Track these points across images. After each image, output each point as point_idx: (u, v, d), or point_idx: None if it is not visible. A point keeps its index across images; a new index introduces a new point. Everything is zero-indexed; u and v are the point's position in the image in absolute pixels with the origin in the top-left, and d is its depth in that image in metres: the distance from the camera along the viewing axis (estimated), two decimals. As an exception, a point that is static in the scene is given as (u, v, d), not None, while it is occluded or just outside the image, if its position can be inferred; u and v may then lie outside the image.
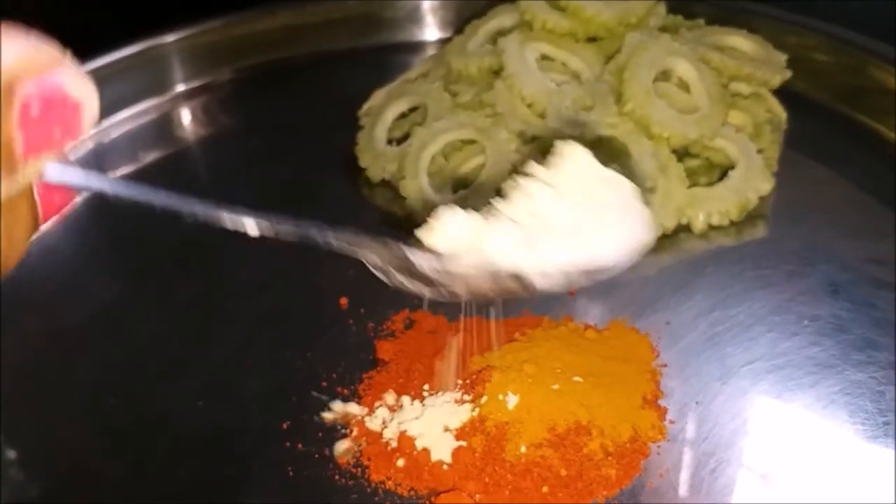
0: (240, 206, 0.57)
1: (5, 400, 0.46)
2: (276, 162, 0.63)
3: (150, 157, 0.64)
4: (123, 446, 0.44)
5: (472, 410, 0.42)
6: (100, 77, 0.64)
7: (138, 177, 0.62)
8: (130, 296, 0.53)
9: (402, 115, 0.62)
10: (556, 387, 0.41)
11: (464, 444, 0.41)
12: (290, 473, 0.41)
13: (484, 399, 0.42)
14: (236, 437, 0.44)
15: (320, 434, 0.43)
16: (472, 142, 0.57)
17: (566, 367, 0.43)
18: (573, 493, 0.39)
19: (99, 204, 0.60)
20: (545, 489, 0.39)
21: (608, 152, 0.55)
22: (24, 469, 0.43)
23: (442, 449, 0.41)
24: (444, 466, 0.40)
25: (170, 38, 0.68)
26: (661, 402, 0.43)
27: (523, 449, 0.40)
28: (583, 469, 0.40)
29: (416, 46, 0.73)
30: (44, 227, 0.56)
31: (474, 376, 0.43)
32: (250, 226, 0.30)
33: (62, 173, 0.26)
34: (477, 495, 0.39)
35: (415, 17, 0.74)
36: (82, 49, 0.66)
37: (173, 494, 0.41)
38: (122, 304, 0.52)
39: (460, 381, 0.43)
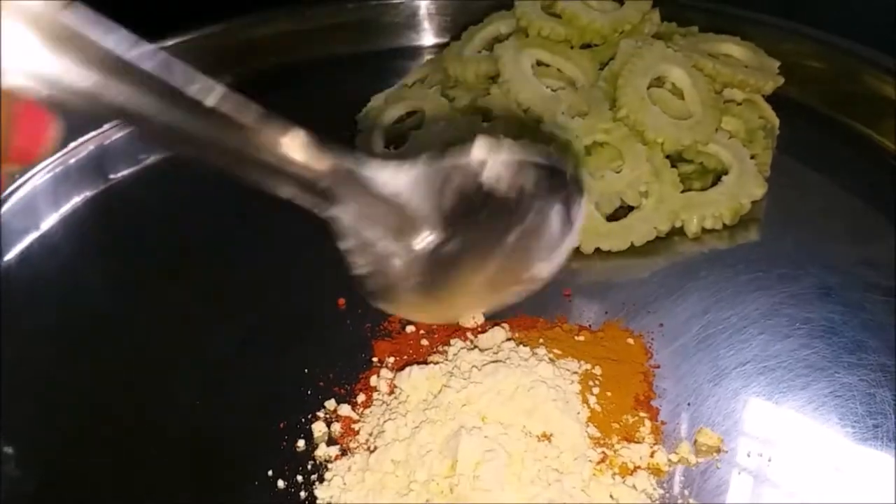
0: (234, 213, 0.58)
1: (2, 401, 0.46)
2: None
3: (150, 159, 0.64)
4: (120, 447, 0.44)
5: (464, 405, 0.42)
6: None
7: (139, 179, 0.63)
8: (128, 297, 0.53)
9: (400, 120, 0.63)
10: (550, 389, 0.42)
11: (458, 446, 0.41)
12: (287, 473, 0.42)
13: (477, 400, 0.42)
14: (233, 437, 0.44)
15: (317, 434, 0.43)
16: (468, 146, 0.58)
17: (559, 368, 0.43)
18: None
19: (98, 206, 0.60)
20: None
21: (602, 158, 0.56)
22: (21, 471, 0.43)
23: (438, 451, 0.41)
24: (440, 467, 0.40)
25: (169, 42, 0.68)
26: (654, 403, 0.44)
27: (519, 451, 0.40)
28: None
29: (414, 51, 0.74)
30: (43, 229, 0.57)
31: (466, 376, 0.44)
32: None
33: None
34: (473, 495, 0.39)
35: (412, 23, 0.74)
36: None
37: (170, 496, 0.42)
38: (120, 306, 0.52)
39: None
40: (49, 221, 0.59)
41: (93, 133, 0.65)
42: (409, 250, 0.35)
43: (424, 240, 0.35)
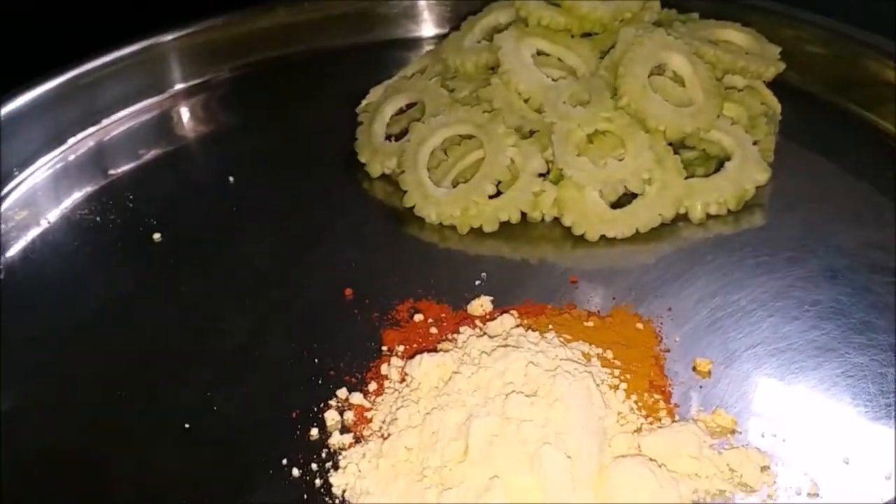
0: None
1: (14, 396, 0.46)
2: (276, 157, 0.63)
3: (151, 153, 0.64)
4: (133, 439, 0.44)
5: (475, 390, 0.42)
6: (101, 75, 0.66)
7: (139, 174, 0.62)
8: (135, 292, 0.53)
9: (400, 111, 0.63)
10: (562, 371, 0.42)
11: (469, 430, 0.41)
12: (301, 461, 0.41)
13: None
14: (246, 427, 0.44)
15: (330, 423, 0.43)
16: (470, 136, 0.58)
17: (570, 350, 0.44)
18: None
19: (98, 201, 0.60)
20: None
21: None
22: (34, 464, 0.43)
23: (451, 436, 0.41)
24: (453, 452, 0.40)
25: (169, 36, 0.68)
26: (666, 386, 0.44)
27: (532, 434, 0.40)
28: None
29: (413, 43, 0.73)
30: (44, 225, 0.57)
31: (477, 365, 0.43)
32: None
33: None
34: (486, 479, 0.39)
35: (411, 14, 0.74)
36: (83, 48, 0.66)
37: (184, 486, 0.41)
38: (128, 301, 0.52)
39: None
40: (50, 217, 0.59)
41: (92, 129, 0.65)
42: None
43: None
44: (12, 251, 0.56)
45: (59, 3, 0.69)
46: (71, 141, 0.65)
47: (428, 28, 0.75)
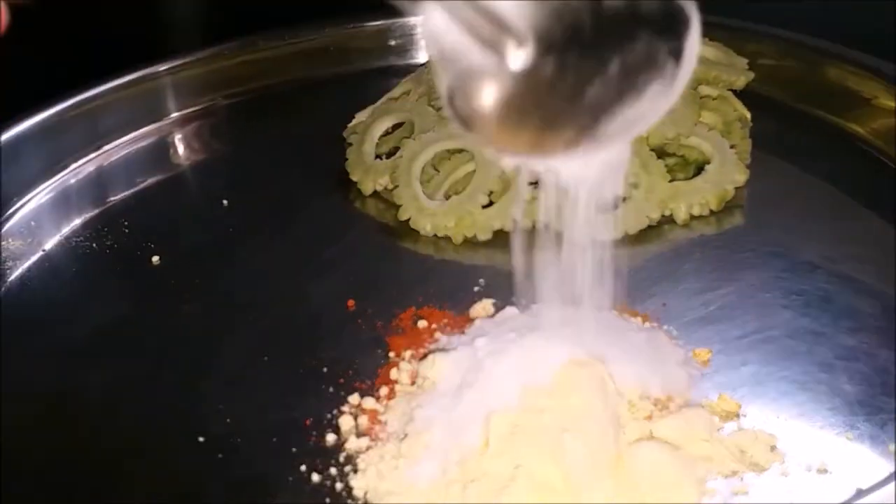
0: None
1: (23, 419, 0.46)
2: (270, 181, 0.64)
3: (149, 178, 0.65)
4: (146, 454, 0.44)
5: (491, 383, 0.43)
6: (100, 104, 0.67)
7: (138, 200, 0.63)
8: (137, 313, 0.53)
9: (387, 133, 0.64)
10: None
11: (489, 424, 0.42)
12: (320, 467, 0.42)
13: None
14: (260, 438, 0.44)
15: (345, 428, 0.44)
16: (460, 151, 0.59)
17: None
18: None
19: (98, 226, 0.61)
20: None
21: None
22: (47, 483, 0.43)
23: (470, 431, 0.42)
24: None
25: (165, 66, 0.70)
26: (669, 377, 0.45)
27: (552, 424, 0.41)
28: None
29: (393, 71, 0.74)
30: (44, 251, 0.57)
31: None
32: None
33: None
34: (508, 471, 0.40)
35: (389, 47, 0.76)
36: (81, 77, 0.67)
37: (203, 498, 0.42)
38: (130, 321, 0.53)
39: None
40: (50, 243, 0.59)
41: (92, 155, 0.66)
42: (499, 66, 0.31)
43: (518, 57, 0.30)
44: (12, 277, 0.56)
45: (58, 37, 0.71)
46: (72, 166, 0.65)
47: (407, 58, 0.76)
